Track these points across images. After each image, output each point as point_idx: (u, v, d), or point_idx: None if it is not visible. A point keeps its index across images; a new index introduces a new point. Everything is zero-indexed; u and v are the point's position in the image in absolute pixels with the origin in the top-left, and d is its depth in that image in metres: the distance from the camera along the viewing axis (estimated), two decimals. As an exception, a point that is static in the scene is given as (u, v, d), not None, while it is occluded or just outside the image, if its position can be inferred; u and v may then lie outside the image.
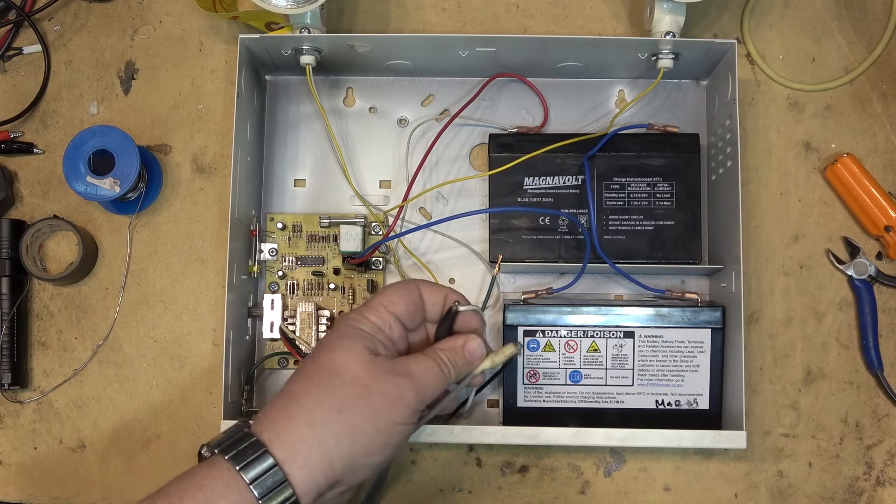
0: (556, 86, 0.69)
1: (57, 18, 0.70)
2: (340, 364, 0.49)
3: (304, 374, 0.50)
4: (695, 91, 0.69)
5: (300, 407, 0.48)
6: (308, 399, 0.48)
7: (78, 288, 0.68)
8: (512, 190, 0.66)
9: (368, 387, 0.48)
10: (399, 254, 0.67)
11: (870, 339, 0.65)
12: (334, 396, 0.48)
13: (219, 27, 0.70)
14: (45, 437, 0.66)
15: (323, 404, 0.48)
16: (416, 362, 0.51)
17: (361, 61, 0.66)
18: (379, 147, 0.68)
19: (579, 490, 0.66)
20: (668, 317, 0.63)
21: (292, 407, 0.48)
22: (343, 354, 0.49)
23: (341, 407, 0.48)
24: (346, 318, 0.52)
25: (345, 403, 0.48)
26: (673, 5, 0.62)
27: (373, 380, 0.49)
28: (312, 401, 0.48)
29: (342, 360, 0.49)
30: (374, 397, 0.48)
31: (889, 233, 0.66)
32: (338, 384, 0.48)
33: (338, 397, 0.48)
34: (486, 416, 0.66)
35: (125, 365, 0.67)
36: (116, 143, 0.64)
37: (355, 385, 0.48)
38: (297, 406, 0.48)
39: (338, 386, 0.48)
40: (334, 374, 0.48)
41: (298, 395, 0.48)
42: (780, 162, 0.68)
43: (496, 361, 0.55)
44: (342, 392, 0.48)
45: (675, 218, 0.65)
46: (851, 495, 0.65)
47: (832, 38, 0.69)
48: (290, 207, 0.68)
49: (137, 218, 0.68)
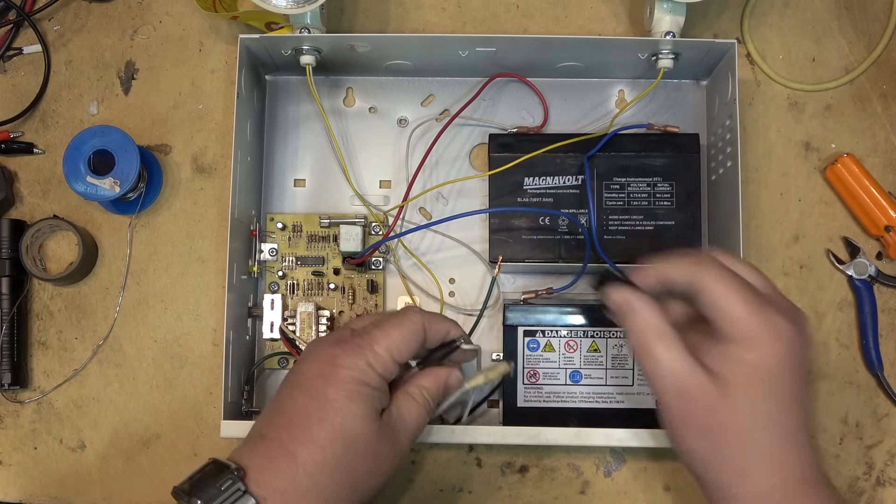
0: (556, 86, 0.69)
1: (57, 18, 0.70)
2: (352, 433, 0.48)
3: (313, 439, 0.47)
4: (695, 91, 0.69)
5: (313, 483, 0.46)
6: (323, 474, 0.46)
7: (78, 288, 0.68)
8: (512, 190, 0.66)
9: (378, 456, 0.49)
10: (399, 254, 0.67)
11: (870, 339, 0.65)
12: (349, 471, 0.47)
13: (219, 27, 0.70)
14: (45, 437, 0.66)
15: (338, 482, 0.47)
16: (409, 412, 0.51)
17: (361, 61, 0.66)
18: (379, 147, 0.69)
19: (579, 490, 0.66)
20: (668, 317, 0.63)
21: (304, 481, 0.46)
22: (355, 422, 0.48)
23: (355, 483, 0.48)
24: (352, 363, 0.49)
25: (358, 479, 0.48)
26: (673, 5, 0.62)
27: (382, 447, 0.49)
28: (328, 477, 0.46)
29: (354, 429, 0.48)
30: (383, 466, 0.49)
31: (889, 233, 0.66)
32: (350, 457, 0.47)
33: (352, 472, 0.47)
34: (486, 416, 0.66)
35: (125, 365, 0.67)
36: (116, 143, 0.64)
37: (368, 458, 0.48)
38: (310, 481, 0.46)
39: (351, 459, 0.47)
40: (347, 446, 0.47)
41: (310, 467, 0.46)
42: (780, 162, 0.68)
43: (489, 378, 0.55)
44: (355, 464, 0.47)
45: (675, 218, 0.65)
46: (851, 495, 0.65)
47: (832, 38, 0.69)
48: (290, 207, 0.68)
49: (137, 218, 0.68)
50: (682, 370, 0.48)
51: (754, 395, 0.47)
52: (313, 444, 0.47)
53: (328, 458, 0.46)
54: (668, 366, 0.48)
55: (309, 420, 0.47)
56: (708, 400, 0.47)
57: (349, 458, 0.47)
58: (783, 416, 0.47)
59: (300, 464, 0.46)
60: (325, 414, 0.47)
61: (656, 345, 0.48)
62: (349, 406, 0.48)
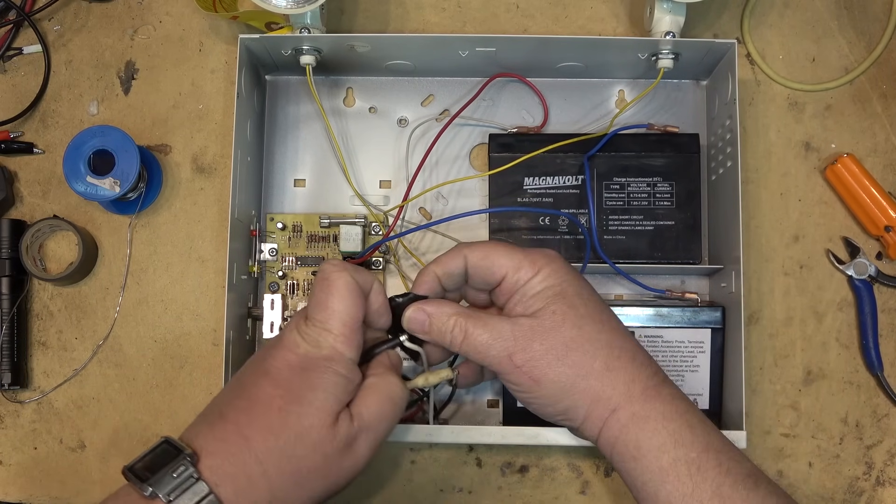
0: (556, 86, 0.69)
1: (57, 18, 0.70)
2: (306, 424, 0.47)
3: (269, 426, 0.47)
4: (695, 91, 0.69)
5: (263, 471, 0.46)
6: (271, 462, 0.46)
7: (78, 288, 0.68)
8: (512, 190, 0.66)
9: (328, 457, 0.48)
10: (399, 254, 0.67)
11: (870, 339, 0.65)
12: (296, 466, 0.47)
13: (219, 27, 0.70)
14: (45, 437, 0.66)
15: (284, 473, 0.46)
16: (367, 407, 0.50)
17: (361, 61, 0.66)
18: (379, 147, 0.69)
19: (579, 490, 0.66)
20: (668, 317, 0.63)
21: (255, 469, 0.46)
22: (311, 413, 0.47)
23: (300, 480, 0.47)
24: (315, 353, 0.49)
25: (306, 477, 0.47)
26: (673, 5, 0.62)
27: (334, 449, 0.48)
28: (275, 466, 0.46)
29: (309, 420, 0.47)
30: (332, 469, 0.48)
31: (889, 233, 0.66)
32: (300, 451, 0.47)
33: (298, 467, 0.47)
34: (487, 416, 0.66)
35: (125, 365, 0.67)
36: (116, 143, 0.64)
37: (317, 456, 0.47)
38: (259, 469, 0.46)
39: (300, 454, 0.47)
40: (298, 438, 0.47)
41: (261, 453, 0.46)
42: (780, 162, 0.68)
43: (429, 381, 0.54)
44: (303, 462, 0.47)
45: (675, 218, 0.65)
46: (851, 495, 0.65)
47: (832, 38, 0.69)
48: (290, 207, 0.68)
49: (137, 218, 0.68)
50: (502, 328, 0.51)
51: (562, 308, 0.51)
52: (268, 430, 0.46)
53: (278, 447, 0.46)
54: (490, 334, 0.51)
55: (269, 408, 0.47)
56: (534, 336, 0.50)
57: (298, 452, 0.47)
58: (597, 324, 0.51)
59: (252, 449, 0.46)
60: (286, 402, 0.47)
61: (468, 327, 0.51)
62: (308, 395, 0.47)
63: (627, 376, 0.50)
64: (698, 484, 0.48)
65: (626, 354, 0.51)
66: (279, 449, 0.46)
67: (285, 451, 0.46)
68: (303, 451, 0.47)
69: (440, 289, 0.54)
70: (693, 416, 0.50)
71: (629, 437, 0.49)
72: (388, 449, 0.66)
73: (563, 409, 0.51)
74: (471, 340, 0.51)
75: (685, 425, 0.49)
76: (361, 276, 0.51)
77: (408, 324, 0.53)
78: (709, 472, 0.48)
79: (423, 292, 0.53)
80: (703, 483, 0.48)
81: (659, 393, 0.50)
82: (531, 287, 0.51)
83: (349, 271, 0.50)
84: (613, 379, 0.50)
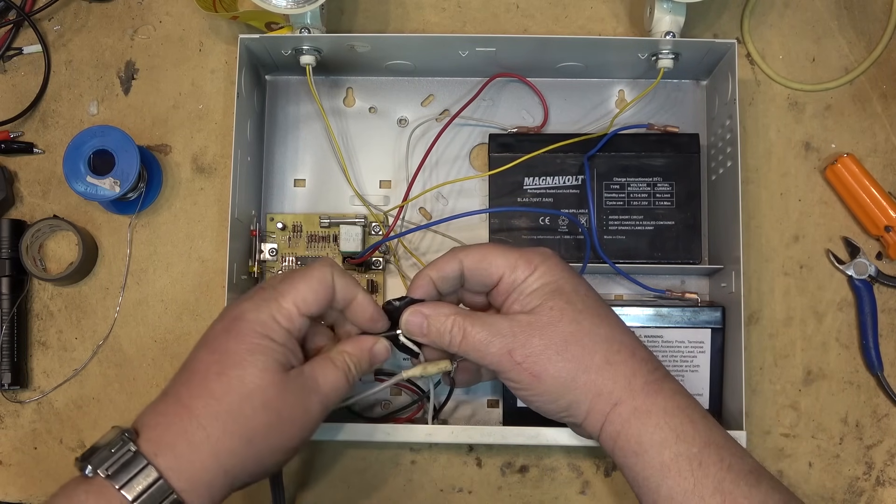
0: (556, 86, 0.69)
1: (57, 18, 0.70)
2: (251, 385, 0.47)
3: (210, 391, 0.46)
4: (695, 91, 0.69)
5: (206, 435, 0.45)
6: (215, 426, 0.46)
7: (78, 288, 0.68)
8: (512, 190, 0.66)
9: (280, 413, 0.47)
10: (399, 254, 0.67)
11: (870, 339, 0.65)
12: (244, 425, 0.46)
13: (219, 27, 0.70)
14: (45, 437, 0.66)
15: (232, 434, 0.46)
16: (323, 374, 0.50)
17: (361, 61, 0.66)
18: (379, 147, 0.69)
19: (579, 490, 0.66)
20: (668, 317, 0.63)
21: (197, 434, 0.45)
22: (254, 374, 0.47)
23: (251, 437, 0.46)
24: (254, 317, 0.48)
25: (255, 433, 0.47)
26: (673, 5, 0.62)
27: (284, 404, 0.48)
28: (220, 429, 0.46)
29: (252, 381, 0.47)
30: (285, 424, 0.48)
31: (889, 233, 0.66)
32: (248, 411, 0.46)
33: (248, 426, 0.46)
34: (487, 416, 0.66)
35: (125, 365, 0.67)
36: (116, 143, 0.64)
37: (266, 412, 0.47)
38: (202, 433, 0.45)
39: (248, 413, 0.46)
40: (244, 399, 0.46)
41: (203, 418, 0.46)
42: (780, 162, 0.68)
43: (427, 371, 0.54)
44: (253, 421, 0.46)
45: (675, 218, 0.65)
46: (851, 495, 0.65)
47: (832, 38, 0.69)
48: (290, 207, 0.68)
49: (137, 218, 0.68)
50: (500, 325, 0.51)
51: (559, 304, 0.51)
52: (209, 396, 0.46)
53: (222, 410, 0.46)
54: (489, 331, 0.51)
55: (207, 373, 0.47)
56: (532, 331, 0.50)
57: (245, 412, 0.46)
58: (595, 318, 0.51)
59: (194, 416, 0.46)
60: (224, 367, 0.47)
61: (467, 326, 0.51)
62: (248, 358, 0.47)
63: (628, 370, 0.50)
64: (700, 479, 0.48)
65: (625, 349, 0.51)
66: (224, 412, 0.46)
67: (231, 412, 0.46)
68: (250, 411, 0.46)
69: (436, 292, 0.54)
70: (694, 411, 0.50)
71: (631, 432, 0.49)
72: (388, 449, 0.66)
73: (565, 405, 0.51)
74: (470, 339, 0.51)
75: (687, 420, 0.49)
76: (345, 280, 0.52)
77: (406, 327, 0.53)
78: (710, 467, 0.48)
79: (419, 296, 0.53)
80: (705, 479, 0.48)
81: (660, 388, 0.50)
82: (528, 285, 0.51)
83: (333, 269, 0.51)
84: (614, 373, 0.50)
